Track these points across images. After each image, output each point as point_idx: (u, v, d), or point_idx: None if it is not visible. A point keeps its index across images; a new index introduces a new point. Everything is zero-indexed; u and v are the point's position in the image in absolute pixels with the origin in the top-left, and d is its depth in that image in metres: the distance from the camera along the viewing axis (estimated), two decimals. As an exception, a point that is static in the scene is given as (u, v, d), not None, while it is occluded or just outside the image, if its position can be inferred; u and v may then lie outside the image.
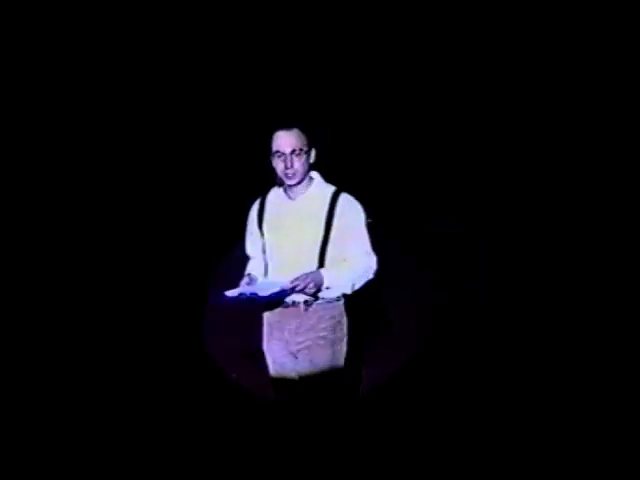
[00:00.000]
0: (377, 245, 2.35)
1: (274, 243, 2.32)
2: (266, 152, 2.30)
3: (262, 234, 2.35)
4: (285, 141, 2.21)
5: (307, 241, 2.25)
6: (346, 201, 2.29)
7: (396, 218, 3.92)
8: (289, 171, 2.21)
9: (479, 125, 4.01)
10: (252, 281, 2.30)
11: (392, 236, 3.73)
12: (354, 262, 2.27)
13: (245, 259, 2.52)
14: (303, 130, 2.25)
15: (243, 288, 2.22)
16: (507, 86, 3.86)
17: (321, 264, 2.25)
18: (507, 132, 3.92)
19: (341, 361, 2.31)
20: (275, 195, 2.38)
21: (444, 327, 3.74)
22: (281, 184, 2.33)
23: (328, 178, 2.40)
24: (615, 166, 3.73)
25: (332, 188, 2.32)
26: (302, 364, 2.28)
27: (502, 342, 3.65)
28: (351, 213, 2.29)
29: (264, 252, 2.38)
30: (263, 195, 2.41)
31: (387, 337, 3.39)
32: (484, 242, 3.88)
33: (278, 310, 2.30)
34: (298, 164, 2.22)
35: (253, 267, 2.46)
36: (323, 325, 2.28)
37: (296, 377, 2.31)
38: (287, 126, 2.23)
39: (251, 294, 2.14)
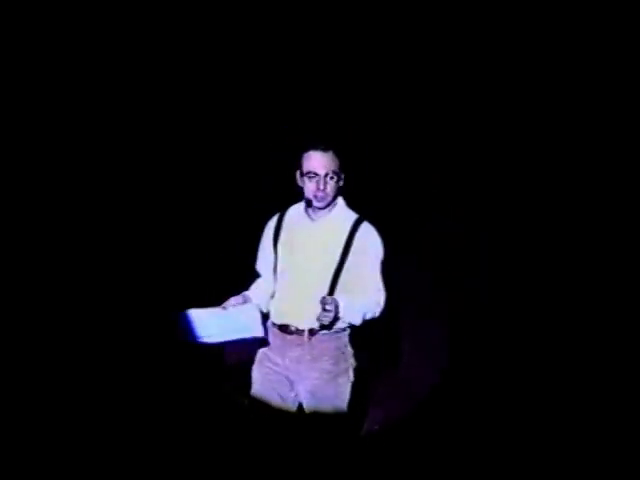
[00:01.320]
0: (389, 282, 2.23)
1: (287, 263, 2.20)
2: (282, 169, 2.24)
3: (276, 252, 2.23)
4: (321, 163, 2.10)
5: (321, 265, 2.16)
6: (367, 231, 2.19)
7: (396, 218, 3.93)
8: (320, 194, 2.10)
9: (479, 125, 4.02)
10: (244, 299, 2.20)
11: (392, 236, 3.74)
12: (366, 295, 2.18)
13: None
14: (337, 153, 2.14)
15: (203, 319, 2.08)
16: (506, 87, 3.87)
17: (331, 291, 2.15)
18: (507, 132, 3.93)
19: (345, 395, 2.22)
20: (295, 213, 2.26)
21: (444, 327, 3.74)
22: (309, 203, 2.18)
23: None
24: (615, 166, 3.73)
25: (354, 215, 2.22)
26: (303, 394, 2.20)
27: (502, 342, 3.65)
28: (369, 244, 2.19)
29: (275, 271, 2.24)
30: (282, 212, 2.28)
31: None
32: (484, 242, 3.89)
33: (280, 335, 2.20)
34: (330, 188, 2.11)
35: (260, 286, 2.32)
36: (327, 357, 2.19)
37: (283, 405, 2.22)
38: (323, 147, 2.12)
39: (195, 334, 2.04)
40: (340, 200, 2.24)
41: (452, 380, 3.43)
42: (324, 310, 2.02)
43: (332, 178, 2.11)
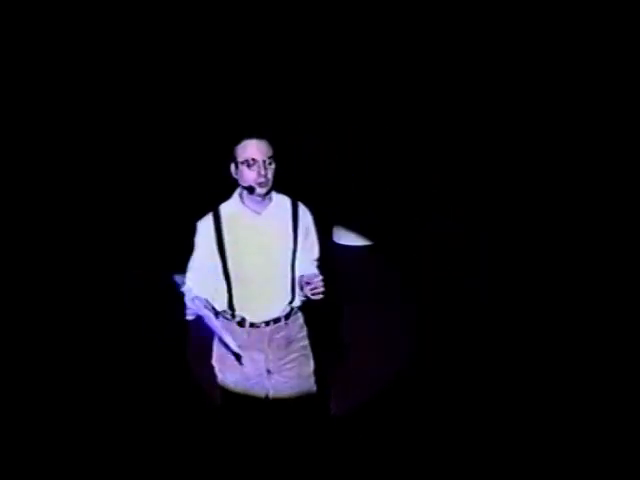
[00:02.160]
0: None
1: (244, 263, 2.17)
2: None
3: (223, 255, 2.17)
4: (259, 149, 2.13)
5: (279, 254, 2.20)
6: (304, 210, 2.29)
7: (396, 218, 3.93)
8: (262, 179, 2.11)
9: (478, 126, 4.02)
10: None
11: (393, 236, 3.75)
12: (315, 268, 2.30)
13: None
14: (270, 141, 2.18)
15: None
16: (506, 87, 3.87)
17: (293, 277, 2.22)
18: (506, 133, 3.93)
19: (312, 371, 2.32)
20: (234, 211, 2.21)
21: (444, 327, 3.73)
22: (251, 192, 2.16)
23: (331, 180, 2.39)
24: (614, 166, 3.73)
25: (287, 197, 2.28)
26: (284, 379, 2.25)
27: (502, 342, 3.65)
28: (309, 220, 2.30)
29: (225, 274, 2.18)
30: (214, 212, 2.21)
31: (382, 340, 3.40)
32: (484, 242, 3.89)
33: (256, 331, 2.21)
34: (270, 173, 2.15)
35: (203, 292, 2.22)
36: (301, 334, 2.29)
37: (263, 395, 2.27)
38: (257, 135, 2.15)
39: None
40: None
41: (450, 380, 3.41)
42: (315, 287, 2.11)
43: (270, 164, 2.15)
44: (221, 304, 2.23)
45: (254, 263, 2.18)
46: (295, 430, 2.25)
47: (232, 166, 2.19)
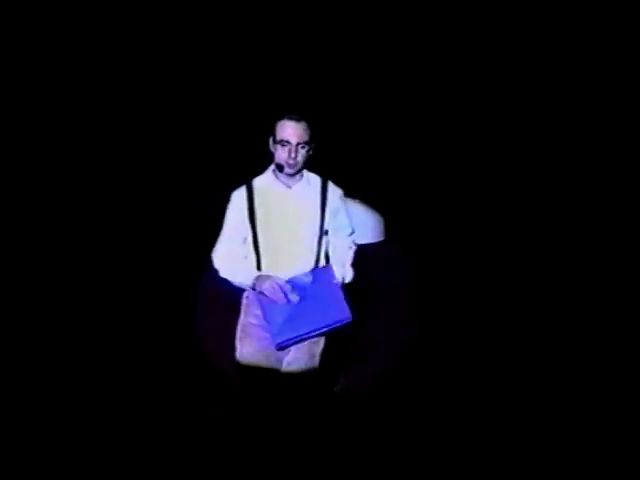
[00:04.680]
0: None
1: (271, 232, 2.24)
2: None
3: (253, 226, 2.25)
4: (293, 132, 2.19)
5: (306, 229, 2.27)
6: (334, 189, 2.36)
7: (397, 218, 3.96)
8: (292, 161, 2.21)
9: (477, 127, 4.06)
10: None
11: (392, 235, 3.76)
12: (348, 252, 2.37)
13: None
14: (309, 124, 2.24)
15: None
16: (508, 89, 3.91)
17: (318, 254, 2.28)
18: (506, 134, 3.97)
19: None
20: (266, 182, 2.29)
21: (440, 327, 3.73)
22: (280, 169, 2.26)
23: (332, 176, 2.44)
24: (610, 167, 3.77)
25: (318, 177, 2.36)
26: (298, 356, 2.29)
27: (501, 342, 3.65)
28: (339, 200, 2.36)
29: (255, 244, 2.25)
30: (248, 182, 2.30)
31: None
32: (482, 241, 3.91)
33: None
34: (301, 156, 2.22)
35: (246, 262, 2.28)
36: None
37: (278, 368, 2.31)
38: (296, 117, 2.21)
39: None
40: None
41: (449, 380, 3.38)
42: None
43: (303, 147, 2.23)
44: (246, 277, 2.26)
45: (282, 235, 2.25)
46: (298, 405, 2.30)
47: (270, 140, 2.27)
